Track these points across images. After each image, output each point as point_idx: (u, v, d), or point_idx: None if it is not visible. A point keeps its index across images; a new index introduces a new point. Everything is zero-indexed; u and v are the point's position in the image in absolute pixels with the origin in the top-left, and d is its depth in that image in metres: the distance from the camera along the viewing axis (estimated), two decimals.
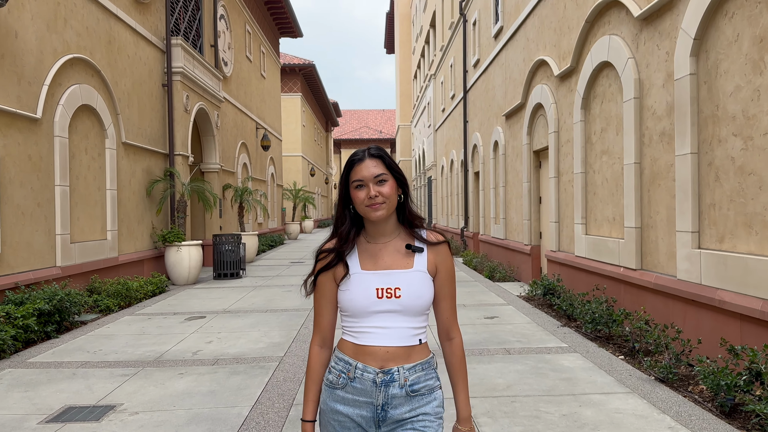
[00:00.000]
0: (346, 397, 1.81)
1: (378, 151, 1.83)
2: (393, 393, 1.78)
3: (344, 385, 1.81)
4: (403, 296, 1.78)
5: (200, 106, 14.35)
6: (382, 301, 1.78)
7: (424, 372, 1.83)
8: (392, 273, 1.80)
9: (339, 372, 1.83)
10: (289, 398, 4.70)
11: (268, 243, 21.09)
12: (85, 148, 9.33)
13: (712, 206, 5.13)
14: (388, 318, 1.79)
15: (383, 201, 1.77)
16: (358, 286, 1.80)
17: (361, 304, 1.79)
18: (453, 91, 20.25)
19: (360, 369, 1.79)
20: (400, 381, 1.79)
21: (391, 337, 1.79)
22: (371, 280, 1.80)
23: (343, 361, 1.83)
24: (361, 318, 1.81)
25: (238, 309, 8.85)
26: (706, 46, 5.21)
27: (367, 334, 1.81)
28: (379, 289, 1.79)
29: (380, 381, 1.78)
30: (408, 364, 1.80)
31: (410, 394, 1.80)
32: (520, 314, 8.03)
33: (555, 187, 9.43)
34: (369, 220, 1.84)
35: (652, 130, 6.21)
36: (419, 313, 1.82)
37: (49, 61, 8.29)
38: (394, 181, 1.81)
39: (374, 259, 1.83)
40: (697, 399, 4.46)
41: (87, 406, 4.60)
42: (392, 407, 1.79)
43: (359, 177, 1.78)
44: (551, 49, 9.54)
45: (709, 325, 5.09)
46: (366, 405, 1.80)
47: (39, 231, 7.96)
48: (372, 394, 1.79)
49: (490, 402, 4.49)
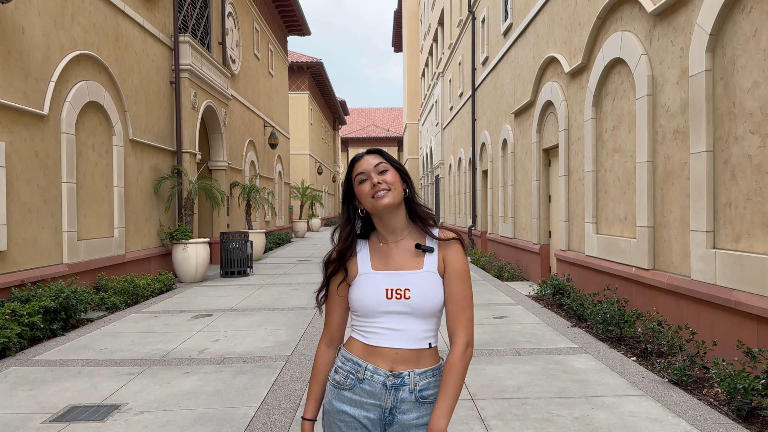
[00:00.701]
0: (354, 398, 1.78)
1: (376, 150, 1.87)
2: (403, 397, 1.76)
3: (352, 386, 1.78)
4: (413, 297, 1.75)
5: (208, 103, 14.31)
6: (391, 302, 1.76)
7: (434, 378, 1.79)
8: (402, 274, 1.78)
9: (347, 372, 1.80)
10: (296, 399, 4.63)
11: (276, 241, 21.06)
12: (92, 145, 9.29)
13: (728, 205, 5.02)
14: (398, 319, 1.76)
15: (387, 188, 1.76)
16: (367, 286, 1.78)
17: (371, 304, 1.77)
18: (461, 89, 20.14)
19: (370, 371, 1.77)
20: (410, 385, 1.76)
21: (400, 339, 1.76)
22: (381, 280, 1.78)
23: (352, 362, 1.80)
24: (371, 318, 1.79)
25: (244, 307, 8.80)
26: (722, 42, 5.10)
27: (376, 335, 1.78)
28: (388, 289, 1.76)
29: (390, 384, 1.75)
30: (419, 369, 1.77)
31: (419, 400, 1.77)
32: (529, 314, 7.93)
33: (565, 185, 9.32)
34: (378, 217, 1.82)
35: (666, 127, 6.10)
36: (430, 315, 1.78)
37: (56, 57, 8.26)
38: (396, 172, 1.81)
39: (385, 260, 1.81)
40: (712, 402, 4.36)
41: (91, 405, 4.54)
42: (400, 412, 1.76)
43: (360, 170, 1.80)
44: (561, 46, 9.43)
45: (725, 326, 4.99)
46: (374, 407, 1.77)
47: (45, 228, 7.93)
48: (381, 397, 1.76)
49: (500, 404, 4.40)
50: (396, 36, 48.35)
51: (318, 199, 33.10)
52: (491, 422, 4.04)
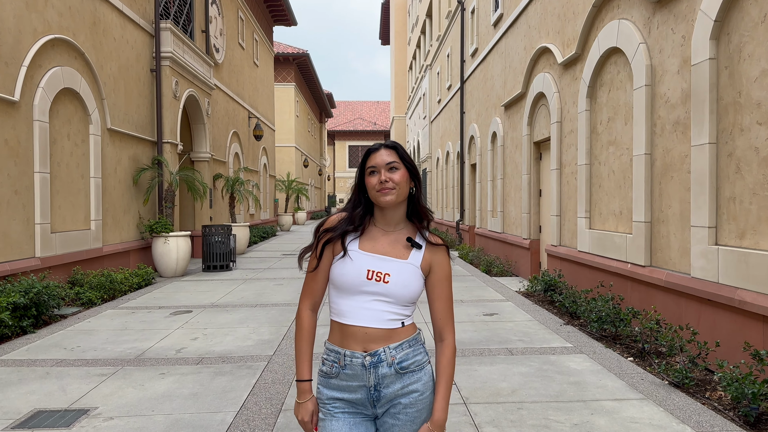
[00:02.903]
0: (341, 384, 1.89)
1: (393, 144, 1.94)
2: (383, 373, 1.85)
3: (337, 373, 1.89)
4: (391, 283, 1.85)
5: (190, 92, 13.91)
6: (370, 283, 1.85)
7: (411, 348, 1.89)
8: (386, 259, 1.87)
9: (331, 362, 1.90)
10: (278, 402, 4.35)
11: (260, 234, 20.69)
12: (68, 133, 8.91)
13: (732, 200, 4.80)
14: (373, 300, 1.86)
15: (393, 187, 1.86)
16: (351, 264, 1.87)
17: (351, 282, 1.86)
18: (449, 82, 19.86)
19: (348, 356, 1.87)
20: (387, 360, 1.85)
21: (371, 318, 1.86)
22: (365, 260, 1.87)
23: (334, 352, 1.90)
24: (349, 295, 1.88)
25: (226, 303, 8.49)
26: (727, 29, 4.87)
27: (350, 313, 1.87)
28: (370, 270, 1.85)
29: (368, 363, 1.85)
30: (394, 344, 1.87)
31: (399, 372, 1.86)
32: (520, 311, 7.70)
33: (557, 179, 9.10)
34: (379, 207, 1.92)
35: (665, 119, 5.87)
36: (404, 302, 1.88)
37: (28, 41, 7.86)
38: (406, 172, 1.90)
39: (373, 243, 1.91)
40: (716, 407, 4.15)
41: (58, 410, 4.24)
42: (384, 386, 1.86)
43: (373, 164, 1.89)
44: (554, 36, 9.18)
45: (728, 326, 4.78)
46: (360, 388, 1.87)
47: (16, 220, 7.56)
48: (363, 378, 1.86)
49: (494, 409, 4.16)
50: (383, 28, 47.89)
51: (304, 192, 32.72)
52: (486, 429, 3.80)
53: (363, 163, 1.94)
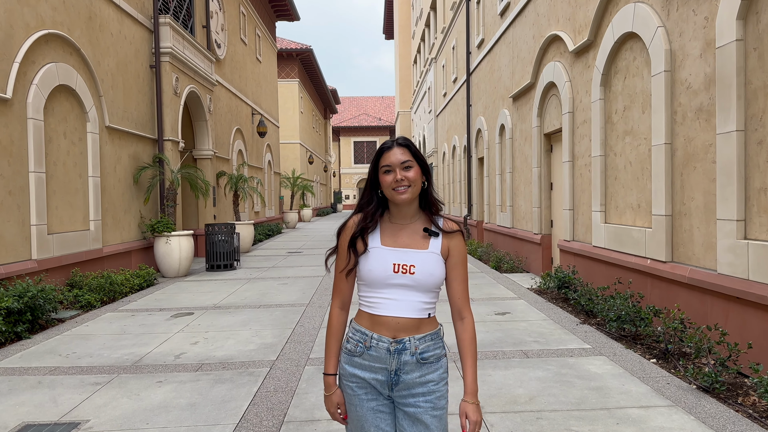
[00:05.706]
0: (364, 363, 2.00)
1: (405, 141, 2.02)
2: (405, 360, 1.97)
3: (362, 353, 2.00)
4: (417, 273, 1.95)
5: (191, 89, 13.64)
6: (397, 276, 1.96)
7: (432, 342, 2.01)
8: (409, 252, 1.98)
9: (356, 342, 2.01)
10: (280, 413, 4.08)
11: (265, 232, 20.44)
12: (64, 131, 8.65)
13: (763, 191, 4.49)
14: (402, 291, 1.97)
15: (408, 185, 1.96)
16: (377, 259, 1.98)
17: (379, 276, 1.97)
18: (455, 75, 19.51)
19: (375, 339, 1.98)
20: (411, 349, 1.97)
21: (402, 308, 1.97)
22: (389, 255, 1.98)
23: (360, 332, 2.02)
24: (377, 289, 1.99)
25: (229, 304, 8.23)
26: (756, 8, 4.54)
27: (381, 305, 1.99)
28: (396, 264, 1.96)
29: (393, 349, 1.97)
30: (419, 335, 1.99)
31: (420, 362, 1.98)
32: (533, 309, 7.41)
33: (569, 172, 8.78)
34: (394, 203, 2.01)
35: (686, 106, 5.55)
36: (430, 289, 1.99)
37: (21, 36, 7.60)
38: (419, 168, 1.99)
39: (394, 238, 2.02)
40: (751, 414, 3.85)
41: (47, 423, 3.98)
42: (404, 372, 1.97)
43: (387, 163, 1.98)
44: (565, 23, 8.85)
45: (760, 326, 4.47)
46: (381, 370, 1.98)
47: (11, 221, 7.31)
48: (386, 361, 1.97)
49: (512, 419, 3.87)
50: (387, 23, 47.53)
51: (309, 188, 32.46)
52: None
53: (376, 161, 2.01)
